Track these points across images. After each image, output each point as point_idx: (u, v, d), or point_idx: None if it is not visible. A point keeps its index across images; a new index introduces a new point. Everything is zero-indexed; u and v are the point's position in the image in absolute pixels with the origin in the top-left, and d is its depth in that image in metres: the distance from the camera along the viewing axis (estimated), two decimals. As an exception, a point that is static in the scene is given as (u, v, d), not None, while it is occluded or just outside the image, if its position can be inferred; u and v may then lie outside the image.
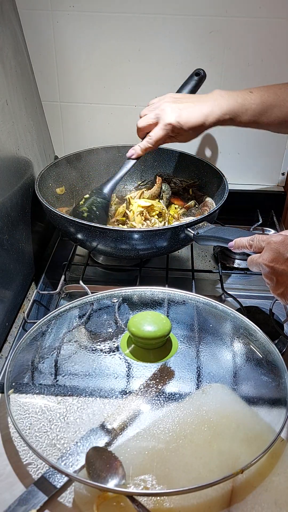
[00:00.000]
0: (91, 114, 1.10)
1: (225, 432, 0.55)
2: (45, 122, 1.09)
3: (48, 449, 0.53)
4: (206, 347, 0.67)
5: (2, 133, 0.77)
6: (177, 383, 0.61)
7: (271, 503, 0.51)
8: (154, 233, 0.77)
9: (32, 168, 0.92)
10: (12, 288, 0.79)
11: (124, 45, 1.01)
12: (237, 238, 0.68)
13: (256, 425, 0.57)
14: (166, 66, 1.03)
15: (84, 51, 1.02)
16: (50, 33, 1.00)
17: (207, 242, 0.77)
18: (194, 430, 0.55)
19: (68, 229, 0.82)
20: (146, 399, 0.58)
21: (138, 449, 0.53)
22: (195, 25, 0.98)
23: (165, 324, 0.62)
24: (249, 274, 0.93)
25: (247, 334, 0.68)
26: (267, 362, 0.64)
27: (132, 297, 0.77)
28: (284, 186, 1.17)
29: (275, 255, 0.60)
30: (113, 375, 0.62)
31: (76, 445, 0.54)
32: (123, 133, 1.11)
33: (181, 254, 1.01)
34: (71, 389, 0.60)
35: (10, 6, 0.88)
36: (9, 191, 0.79)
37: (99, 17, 0.98)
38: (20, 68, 0.90)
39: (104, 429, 0.55)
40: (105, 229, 0.79)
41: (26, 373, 0.63)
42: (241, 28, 0.97)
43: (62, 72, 1.05)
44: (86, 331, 0.70)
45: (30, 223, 0.89)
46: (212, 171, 0.98)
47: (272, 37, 0.98)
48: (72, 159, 1.02)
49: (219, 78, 1.03)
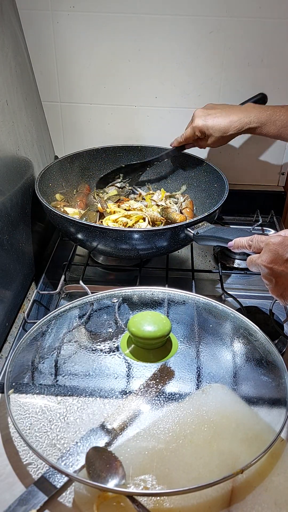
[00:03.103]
0: (91, 114, 1.10)
1: (225, 432, 0.55)
2: (45, 122, 1.09)
3: (48, 449, 0.53)
4: (206, 347, 0.67)
5: (2, 133, 0.77)
6: (177, 383, 0.61)
7: (271, 503, 0.51)
8: (154, 233, 0.77)
9: (32, 168, 0.92)
10: (12, 288, 0.79)
11: (124, 45, 1.01)
12: (237, 238, 0.68)
13: (256, 425, 0.57)
14: (166, 66, 1.03)
15: (84, 51, 1.02)
16: (50, 33, 1.00)
17: (207, 242, 0.77)
18: (194, 430, 0.55)
19: (68, 229, 0.82)
20: (146, 399, 0.58)
21: (138, 449, 0.53)
22: (195, 25, 0.98)
23: (165, 324, 0.62)
24: (249, 274, 0.93)
25: (247, 334, 0.68)
26: (267, 362, 0.64)
27: (132, 297, 0.77)
28: (284, 186, 1.17)
29: (274, 256, 0.60)
30: (113, 375, 0.62)
31: (76, 445, 0.54)
32: (123, 133, 1.11)
33: (181, 254, 1.01)
34: (71, 389, 0.60)
35: (10, 6, 0.88)
36: (9, 191, 0.79)
37: (99, 17, 0.98)
38: (20, 68, 0.90)
39: (104, 429, 0.55)
40: (105, 229, 0.79)
41: (26, 373, 0.63)
42: (241, 28, 0.97)
43: (62, 72, 1.05)
44: (86, 331, 0.70)
45: (30, 223, 0.89)
46: (212, 171, 0.98)
47: (272, 37, 0.98)
48: (72, 159, 1.02)
49: (219, 78, 1.03)
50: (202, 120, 0.90)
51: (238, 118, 0.88)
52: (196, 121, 0.92)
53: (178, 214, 0.92)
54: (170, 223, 0.91)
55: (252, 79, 1.02)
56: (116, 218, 0.91)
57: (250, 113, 0.88)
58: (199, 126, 0.91)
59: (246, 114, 0.88)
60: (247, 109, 0.90)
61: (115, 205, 0.98)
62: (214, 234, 0.75)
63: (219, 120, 0.89)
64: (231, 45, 0.99)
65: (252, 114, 0.88)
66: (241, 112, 0.89)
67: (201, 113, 0.92)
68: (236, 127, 0.88)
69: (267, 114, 0.88)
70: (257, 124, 0.88)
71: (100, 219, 0.93)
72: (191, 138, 0.95)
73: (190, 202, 0.99)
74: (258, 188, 1.17)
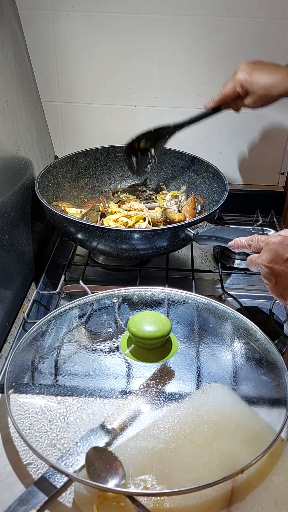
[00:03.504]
0: (91, 114, 1.10)
1: (225, 432, 0.55)
2: (45, 122, 1.09)
3: (48, 449, 0.53)
4: (206, 347, 0.67)
5: (2, 133, 0.77)
6: (177, 383, 0.61)
7: (271, 503, 0.51)
8: (154, 233, 0.77)
9: (32, 168, 0.92)
10: (12, 288, 0.79)
11: (124, 45, 1.01)
12: (237, 238, 0.68)
13: (256, 425, 0.57)
14: (166, 66, 1.03)
15: (84, 51, 1.02)
16: (50, 33, 1.00)
17: (207, 242, 0.77)
18: (194, 430, 0.55)
19: (68, 229, 0.82)
20: (146, 399, 0.58)
21: (138, 449, 0.53)
22: (195, 25, 0.98)
23: (165, 324, 0.62)
24: (249, 274, 0.93)
25: (247, 334, 0.68)
26: (267, 362, 0.64)
27: (132, 297, 0.77)
28: (284, 186, 1.17)
29: (273, 256, 0.60)
30: (113, 375, 0.62)
31: (76, 445, 0.54)
32: (123, 133, 1.11)
33: (181, 254, 1.01)
34: (71, 389, 0.60)
35: (10, 6, 0.88)
36: (9, 191, 0.79)
37: (99, 17, 0.98)
38: (20, 68, 0.90)
39: (104, 429, 0.55)
40: (105, 229, 0.79)
41: (26, 373, 0.63)
42: (241, 28, 0.97)
43: (62, 72, 1.05)
44: (86, 331, 0.70)
45: (30, 223, 0.88)
46: (212, 171, 0.98)
47: (272, 37, 0.98)
48: (72, 159, 1.02)
49: (219, 78, 1.03)
50: (246, 74, 0.83)
51: (280, 79, 0.81)
52: (238, 74, 0.84)
53: (177, 214, 0.92)
54: (169, 223, 0.91)
55: (252, 79, 1.02)
56: (117, 218, 0.91)
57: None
58: (241, 80, 0.83)
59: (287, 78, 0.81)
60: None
61: (116, 206, 0.98)
62: (214, 234, 0.76)
63: (265, 77, 0.82)
64: (231, 45, 0.99)
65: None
66: (284, 73, 0.82)
67: (245, 66, 0.84)
68: (284, 86, 0.81)
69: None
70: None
71: (101, 219, 0.94)
72: (230, 95, 0.86)
73: (192, 200, 0.99)
74: (258, 188, 1.17)
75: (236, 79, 0.84)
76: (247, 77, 0.83)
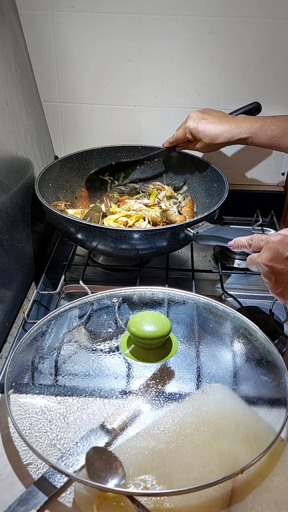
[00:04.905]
0: (91, 114, 1.10)
1: (225, 432, 0.55)
2: (45, 122, 1.09)
3: (48, 449, 0.53)
4: (206, 347, 0.67)
5: (2, 133, 0.77)
6: (177, 383, 0.61)
7: (271, 503, 0.51)
8: (154, 233, 0.77)
9: (32, 168, 0.92)
10: (12, 288, 0.79)
11: (124, 45, 1.01)
12: (236, 237, 0.68)
13: (256, 425, 0.57)
14: (166, 66, 1.03)
15: (84, 51, 1.02)
16: (50, 33, 1.00)
17: (207, 242, 0.77)
18: (194, 430, 0.55)
19: (68, 229, 0.82)
20: (146, 399, 0.58)
21: (138, 449, 0.53)
22: (195, 25, 0.98)
23: (165, 324, 0.62)
24: (249, 274, 0.93)
25: (247, 334, 0.68)
26: (267, 362, 0.64)
27: (132, 297, 0.77)
28: (284, 186, 1.17)
29: (274, 254, 0.60)
30: (113, 375, 0.62)
31: (76, 445, 0.54)
32: (123, 133, 1.11)
33: (181, 254, 1.01)
34: (71, 389, 0.60)
35: (10, 6, 0.88)
36: (9, 191, 0.79)
37: (99, 17, 0.98)
38: (20, 68, 0.90)
39: (104, 429, 0.55)
40: (105, 229, 0.79)
41: (26, 373, 0.63)
42: (241, 28, 0.97)
43: (62, 72, 1.05)
44: (86, 331, 0.70)
45: (30, 223, 0.89)
46: (212, 171, 0.98)
47: (272, 37, 0.98)
48: (72, 159, 1.02)
49: (219, 78, 1.03)
50: (194, 123, 0.91)
51: (229, 128, 0.89)
52: (188, 122, 0.92)
53: (177, 216, 0.92)
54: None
55: (252, 79, 1.03)
56: (117, 218, 0.91)
57: (241, 124, 0.89)
58: (190, 128, 0.92)
59: (237, 125, 0.89)
60: (239, 120, 0.91)
61: (115, 206, 0.98)
62: (214, 233, 0.76)
63: (211, 127, 0.90)
64: (231, 45, 0.99)
65: (243, 125, 0.89)
66: (233, 122, 0.90)
67: (195, 115, 0.92)
68: (226, 137, 0.90)
69: (258, 125, 0.89)
70: (248, 134, 0.89)
71: (103, 219, 0.94)
72: (182, 139, 0.96)
73: (190, 200, 0.99)
74: (258, 188, 1.17)
75: (186, 126, 0.93)
76: (195, 125, 0.91)
